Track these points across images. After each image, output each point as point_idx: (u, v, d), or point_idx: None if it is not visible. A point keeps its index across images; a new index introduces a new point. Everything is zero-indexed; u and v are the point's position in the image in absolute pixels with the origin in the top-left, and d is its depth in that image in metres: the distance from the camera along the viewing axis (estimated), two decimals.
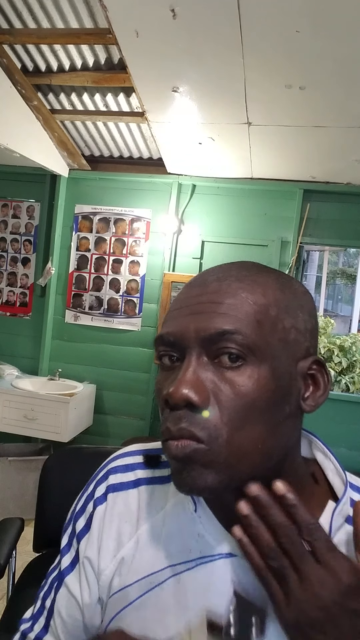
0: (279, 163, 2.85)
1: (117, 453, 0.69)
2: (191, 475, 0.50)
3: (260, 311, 0.52)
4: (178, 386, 0.50)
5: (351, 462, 2.91)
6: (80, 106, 2.81)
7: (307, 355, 0.55)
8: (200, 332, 0.51)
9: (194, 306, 0.53)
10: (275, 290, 0.54)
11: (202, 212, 3.17)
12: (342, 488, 0.58)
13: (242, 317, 0.51)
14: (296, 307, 0.55)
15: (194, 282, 0.57)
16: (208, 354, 0.52)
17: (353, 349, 4.86)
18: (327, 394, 0.56)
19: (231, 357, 0.51)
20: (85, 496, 0.67)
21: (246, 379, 0.50)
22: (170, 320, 0.55)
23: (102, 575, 0.61)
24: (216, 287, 0.54)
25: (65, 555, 0.65)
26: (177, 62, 2.10)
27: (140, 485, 0.64)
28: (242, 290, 0.53)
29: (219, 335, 0.50)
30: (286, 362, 0.53)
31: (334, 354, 4.77)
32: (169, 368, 0.55)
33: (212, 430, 0.49)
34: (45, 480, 1.42)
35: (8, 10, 2.21)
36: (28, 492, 2.87)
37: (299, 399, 0.54)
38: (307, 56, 1.92)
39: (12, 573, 1.54)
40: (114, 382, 3.30)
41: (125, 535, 0.61)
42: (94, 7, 2.09)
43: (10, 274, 3.51)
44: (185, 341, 0.52)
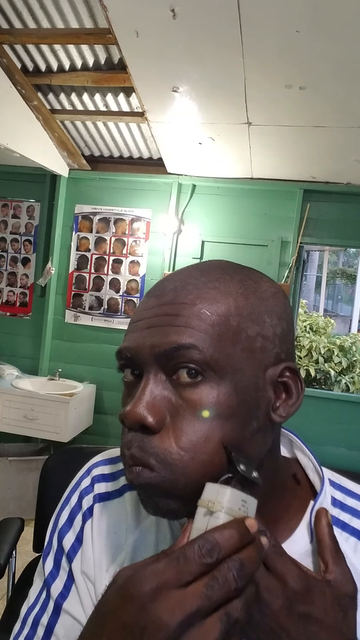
0: (279, 163, 2.86)
1: (95, 461, 0.66)
2: (153, 502, 0.48)
3: (220, 322, 0.48)
4: (133, 407, 0.47)
5: (351, 462, 2.92)
6: (80, 106, 2.81)
7: (278, 361, 0.51)
8: (155, 348, 0.48)
9: (150, 319, 0.50)
10: (238, 297, 0.50)
11: (202, 212, 3.17)
12: (320, 486, 0.57)
13: (199, 331, 0.48)
14: (262, 313, 0.51)
15: (152, 292, 0.54)
16: (165, 370, 0.49)
17: (353, 349, 4.86)
18: (299, 402, 0.52)
19: (190, 373, 0.48)
20: (69, 509, 0.63)
21: (204, 397, 0.47)
22: (129, 333, 0.53)
23: (98, 594, 0.57)
24: (172, 298, 0.50)
25: (54, 581, 0.59)
26: (177, 62, 2.10)
27: (125, 492, 0.62)
28: (199, 300, 0.49)
29: (173, 350, 0.47)
30: (251, 372, 0.49)
31: (334, 354, 4.78)
32: (130, 383, 0.53)
33: (165, 457, 0.47)
34: (45, 480, 1.42)
35: (8, 10, 2.21)
36: (28, 492, 2.87)
37: (269, 410, 0.51)
38: (307, 56, 1.92)
39: (12, 573, 1.54)
40: (114, 382, 3.29)
41: (116, 548, 0.59)
42: (94, 7, 2.09)
43: (10, 274, 3.51)
44: (141, 358, 0.50)
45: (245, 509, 0.42)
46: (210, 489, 0.43)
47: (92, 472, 0.64)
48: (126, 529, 0.59)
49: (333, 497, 0.58)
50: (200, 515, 0.42)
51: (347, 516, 0.57)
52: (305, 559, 0.52)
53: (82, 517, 0.61)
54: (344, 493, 0.59)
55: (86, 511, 0.61)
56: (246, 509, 0.43)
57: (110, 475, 0.63)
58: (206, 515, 0.41)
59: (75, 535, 0.60)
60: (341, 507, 0.58)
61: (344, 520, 0.57)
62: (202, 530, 0.41)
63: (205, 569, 0.38)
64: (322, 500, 0.56)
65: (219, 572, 0.38)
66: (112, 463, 0.65)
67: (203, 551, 0.38)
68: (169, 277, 0.55)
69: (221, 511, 0.41)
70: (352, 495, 0.60)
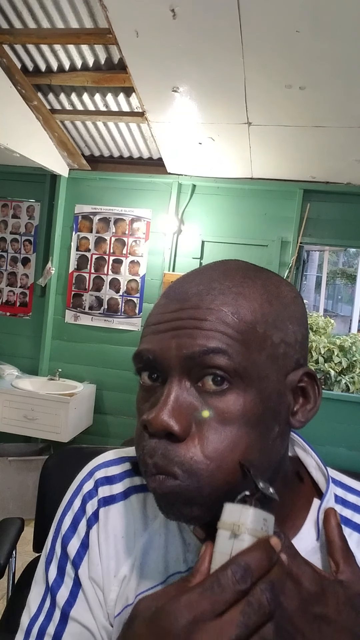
0: (279, 163, 2.85)
1: (96, 463, 0.64)
2: (175, 510, 0.48)
3: (247, 329, 0.48)
4: (158, 413, 0.46)
5: (351, 462, 2.92)
6: (80, 106, 2.81)
7: (297, 367, 0.52)
8: (182, 350, 0.47)
9: (174, 322, 0.49)
10: (263, 304, 0.50)
11: (202, 212, 3.17)
12: (325, 484, 0.58)
13: (227, 337, 0.47)
14: (285, 319, 0.51)
15: (173, 295, 0.52)
16: (190, 376, 0.48)
17: (353, 349, 4.86)
18: (317, 408, 0.53)
19: (215, 380, 0.47)
20: (72, 514, 0.61)
21: (231, 405, 0.47)
22: (148, 335, 0.51)
23: (108, 600, 0.56)
24: (197, 302, 0.49)
25: (60, 588, 0.57)
26: (177, 62, 2.10)
27: (131, 494, 0.60)
28: (226, 306, 0.48)
29: (202, 354, 0.46)
30: (275, 379, 0.49)
31: (334, 354, 4.77)
32: (148, 387, 0.52)
33: (191, 466, 0.46)
34: (45, 480, 1.42)
35: (8, 10, 2.21)
36: (28, 492, 2.87)
37: (288, 415, 0.51)
38: (307, 56, 1.92)
39: (12, 573, 1.54)
40: (114, 382, 3.30)
41: (124, 553, 0.57)
42: (94, 7, 2.09)
43: (10, 274, 3.51)
44: (166, 360, 0.48)
45: (266, 528, 0.42)
46: (231, 510, 0.42)
47: (95, 474, 0.62)
48: (134, 532, 0.58)
49: (335, 494, 0.59)
50: (224, 539, 0.41)
51: (349, 512, 0.58)
52: (312, 556, 0.52)
53: (87, 522, 0.59)
54: (345, 489, 0.60)
55: (91, 516, 0.59)
56: (267, 528, 0.42)
57: (113, 477, 0.62)
58: (230, 539, 0.40)
59: (80, 541, 0.59)
60: (343, 503, 0.59)
61: (346, 517, 0.58)
62: (227, 554, 0.40)
63: (240, 596, 0.37)
64: (328, 498, 0.57)
65: (253, 597, 0.37)
66: (115, 465, 0.63)
67: (237, 577, 0.37)
68: (189, 280, 0.53)
69: (246, 533, 0.40)
70: (352, 491, 0.60)
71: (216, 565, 0.40)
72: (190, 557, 0.56)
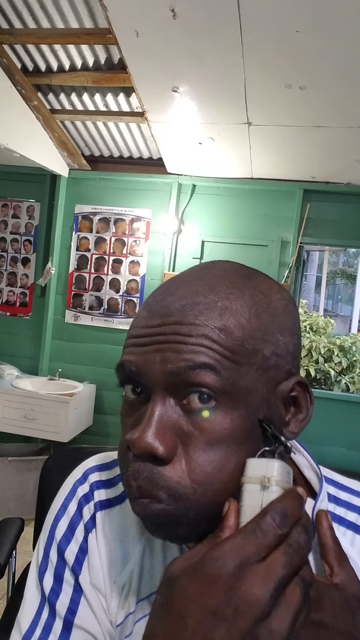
0: (279, 163, 2.85)
1: (89, 465, 0.62)
2: (161, 530, 0.47)
3: (235, 347, 0.46)
4: (142, 434, 0.44)
5: (351, 462, 2.92)
6: (80, 106, 2.81)
7: (288, 376, 0.50)
8: (167, 364, 0.45)
9: (157, 337, 0.47)
10: (251, 318, 0.47)
11: (202, 212, 3.17)
12: (318, 484, 0.57)
13: (214, 352, 0.45)
14: (275, 331, 0.49)
15: (155, 308, 0.49)
16: (175, 393, 0.46)
17: (353, 349, 4.86)
18: (309, 417, 0.51)
19: (202, 398, 0.45)
20: (67, 519, 0.58)
21: (218, 424, 0.45)
22: (131, 347, 0.49)
23: (110, 607, 0.54)
24: (180, 317, 0.46)
25: (58, 597, 0.54)
26: (177, 62, 2.10)
27: (127, 498, 0.58)
28: (212, 322, 0.46)
29: (188, 369, 0.44)
30: (264, 390, 0.48)
31: (334, 354, 4.77)
32: (131, 402, 0.50)
33: (177, 490, 0.45)
34: (45, 480, 1.42)
35: (8, 10, 2.21)
36: (28, 492, 2.87)
37: (280, 427, 0.50)
38: (307, 56, 1.92)
39: (12, 573, 1.54)
40: (114, 382, 3.22)
41: (123, 558, 0.56)
42: (94, 7, 2.09)
43: (10, 274, 3.51)
44: (149, 374, 0.46)
45: (289, 480, 0.44)
46: (256, 465, 0.44)
47: (89, 477, 0.60)
48: (132, 536, 0.57)
49: (327, 492, 0.58)
50: (252, 492, 0.42)
51: (342, 510, 0.58)
52: None
53: (85, 527, 0.57)
54: (337, 487, 0.60)
55: (89, 520, 0.57)
56: (290, 479, 0.44)
57: (108, 481, 0.60)
58: (260, 491, 0.42)
59: (78, 545, 0.56)
60: (335, 501, 0.58)
61: (339, 515, 0.57)
62: (257, 506, 0.42)
63: (281, 539, 0.39)
64: (322, 498, 0.56)
65: (292, 539, 0.39)
66: (108, 468, 0.62)
67: (277, 522, 0.39)
68: (172, 291, 0.49)
69: (274, 485, 0.42)
70: (344, 489, 0.60)
71: (246, 518, 0.41)
72: None
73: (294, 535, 0.39)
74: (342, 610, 0.46)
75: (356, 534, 0.56)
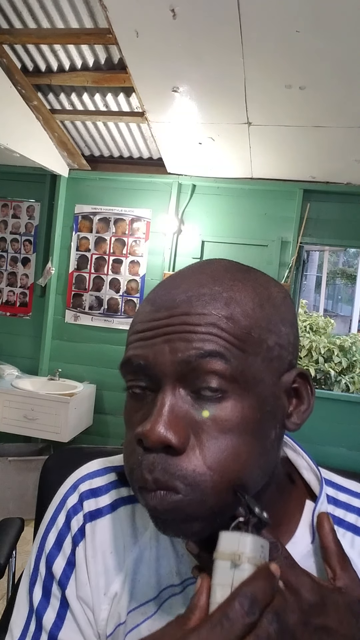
0: (279, 163, 2.85)
1: (80, 475, 0.61)
2: (174, 525, 0.46)
3: (243, 335, 0.46)
4: (154, 426, 0.44)
5: (351, 462, 2.91)
6: (80, 106, 2.81)
7: (290, 368, 0.51)
8: (177, 354, 0.45)
9: (164, 328, 0.47)
10: (255, 308, 0.48)
11: (202, 212, 3.17)
12: (318, 486, 0.57)
13: (223, 341, 0.45)
14: (278, 322, 0.50)
15: (159, 302, 0.49)
16: (185, 383, 0.46)
17: (353, 349, 4.86)
18: (311, 408, 0.52)
19: (212, 387, 0.45)
20: (56, 532, 0.58)
21: (230, 412, 0.45)
22: (136, 342, 0.48)
23: (98, 620, 0.54)
24: (187, 309, 0.46)
25: (45, 611, 0.54)
26: (177, 62, 2.10)
27: (119, 507, 0.58)
28: (219, 311, 0.46)
29: (199, 357, 0.44)
30: (271, 382, 0.48)
31: (334, 354, 4.78)
32: (138, 396, 0.49)
33: (194, 478, 0.44)
34: (45, 480, 1.41)
35: (8, 10, 2.21)
36: (28, 492, 2.87)
37: (283, 418, 0.50)
38: (307, 56, 1.92)
39: (12, 573, 1.54)
40: (114, 382, 3.29)
41: (114, 569, 0.55)
42: (94, 7, 2.09)
43: (10, 274, 3.51)
44: (159, 366, 0.46)
45: (264, 554, 0.41)
46: (227, 540, 0.40)
47: (79, 487, 0.59)
48: (124, 546, 0.56)
49: (327, 494, 0.58)
50: (224, 569, 0.39)
51: (342, 511, 0.57)
52: (307, 559, 0.51)
53: (73, 539, 0.56)
54: (336, 489, 0.59)
55: (77, 533, 0.56)
56: (264, 554, 0.41)
57: (99, 489, 0.59)
58: (231, 569, 0.39)
59: (65, 559, 0.56)
60: (335, 503, 0.58)
61: (339, 516, 0.57)
62: (228, 585, 0.39)
63: (250, 628, 0.36)
64: (322, 500, 0.56)
65: (260, 629, 0.36)
66: (99, 476, 0.60)
67: (245, 609, 0.36)
68: (175, 285, 0.50)
69: (246, 562, 0.39)
70: (343, 490, 0.60)
71: (217, 599, 0.38)
72: (184, 569, 0.54)
73: (264, 624, 0.37)
74: (346, 615, 0.45)
75: (356, 536, 0.56)
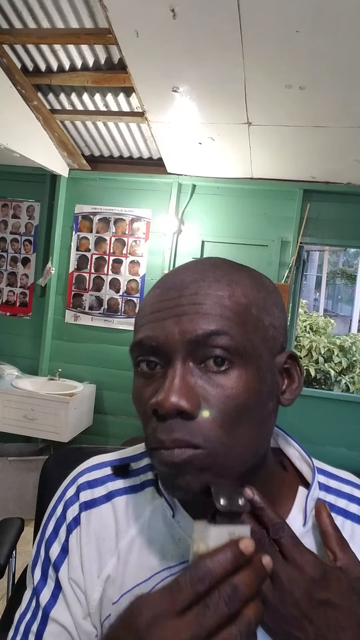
0: (279, 163, 2.85)
1: (80, 469, 0.66)
2: (186, 480, 0.49)
3: (243, 312, 0.52)
4: (167, 395, 0.48)
5: (351, 462, 2.91)
6: (80, 106, 2.81)
7: (282, 349, 0.56)
8: (186, 335, 0.49)
9: (175, 309, 0.51)
10: (253, 289, 0.54)
11: (202, 212, 3.17)
12: (310, 473, 0.61)
13: (225, 319, 0.50)
14: (271, 305, 0.55)
15: (169, 285, 0.54)
16: (194, 358, 0.50)
17: (353, 349, 4.86)
18: (301, 386, 0.57)
19: (217, 361, 0.50)
20: (54, 520, 0.63)
21: (234, 381, 0.50)
22: (147, 324, 0.53)
23: (90, 600, 0.58)
24: (195, 289, 0.52)
25: (43, 590, 0.60)
26: (177, 62, 2.10)
27: (114, 497, 0.62)
28: (222, 291, 0.52)
29: (206, 336, 0.49)
30: (268, 359, 0.53)
31: (334, 354, 4.78)
32: (148, 375, 0.53)
33: (209, 433, 0.48)
34: (45, 480, 1.41)
35: (8, 10, 2.21)
36: (28, 492, 2.87)
37: (278, 394, 0.56)
38: (307, 56, 1.92)
39: (12, 573, 1.54)
40: (114, 382, 3.29)
41: (106, 554, 0.59)
42: (94, 7, 2.09)
43: (10, 274, 3.51)
44: (169, 345, 0.50)
45: None
46: (198, 528, 0.43)
47: (78, 480, 0.64)
48: (116, 533, 0.60)
49: (318, 481, 0.61)
50: (193, 556, 0.42)
51: (333, 497, 0.61)
52: None
53: (67, 528, 0.61)
54: (326, 476, 0.63)
55: (71, 521, 0.61)
56: None
57: (95, 481, 0.63)
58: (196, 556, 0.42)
59: (60, 546, 0.61)
60: (326, 489, 0.61)
61: (330, 502, 0.60)
62: None
63: (199, 596, 0.38)
64: (315, 486, 0.59)
65: (210, 599, 0.38)
66: (96, 469, 0.65)
67: (195, 579, 0.38)
68: (182, 271, 0.56)
69: (208, 551, 0.41)
70: (333, 477, 0.63)
71: None
72: (180, 552, 0.57)
73: (214, 595, 0.38)
74: (348, 591, 0.48)
75: (346, 519, 0.59)
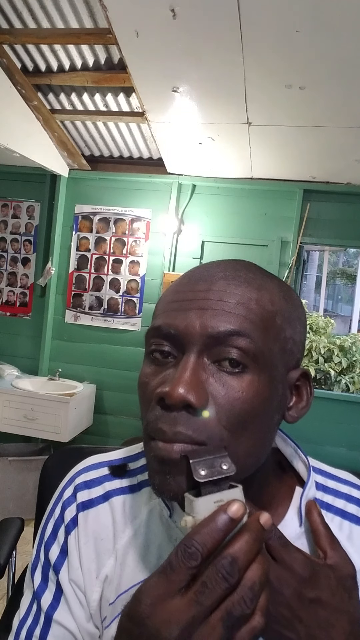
0: (279, 163, 2.85)
1: (77, 469, 0.66)
2: (177, 481, 0.46)
3: (268, 318, 0.51)
4: (176, 386, 0.46)
5: (351, 462, 2.91)
6: (80, 106, 2.81)
7: (297, 366, 0.55)
8: (207, 329, 0.48)
9: (200, 301, 0.50)
10: (281, 299, 0.53)
11: (202, 212, 3.17)
12: (307, 473, 0.60)
13: (249, 322, 0.49)
14: (295, 319, 0.55)
15: (198, 276, 0.53)
16: (210, 354, 0.49)
17: (353, 349, 4.85)
18: (309, 407, 0.56)
19: (232, 362, 0.48)
20: (53, 522, 0.63)
21: (246, 386, 0.48)
22: (169, 311, 0.52)
23: (90, 601, 0.57)
24: (224, 285, 0.51)
25: (44, 593, 0.59)
26: (177, 62, 2.10)
27: (111, 497, 0.61)
28: (251, 294, 0.51)
29: (226, 335, 0.48)
30: (282, 371, 0.52)
31: (334, 354, 4.77)
32: (159, 362, 0.52)
33: (212, 431, 0.47)
34: (45, 480, 1.41)
35: (8, 10, 2.21)
36: (28, 492, 2.87)
37: (285, 409, 0.55)
38: (307, 56, 1.92)
39: (12, 573, 1.54)
40: (114, 382, 3.30)
41: (104, 554, 0.59)
42: (94, 7, 2.09)
43: (10, 274, 3.51)
44: (188, 336, 0.49)
45: None
46: (187, 504, 0.42)
47: (75, 481, 0.64)
48: (114, 533, 0.59)
49: (316, 481, 0.61)
50: (184, 531, 0.42)
51: (330, 497, 0.61)
52: (296, 541, 0.54)
53: (65, 529, 0.61)
54: (324, 476, 0.63)
55: (69, 523, 0.61)
56: None
57: (92, 481, 0.63)
58: (186, 530, 0.41)
59: (59, 547, 0.60)
60: (324, 489, 0.61)
61: (327, 502, 0.60)
62: None
63: (193, 572, 0.37)
64: (310, 485, 0.59)
65: (207, 576, 0.37)
66: (93, 469, 0.64)
67: (185, 556, 0.37)
68: (213, 266, 0.55)
69: (190, 525, 0.40)
70: (331, 477, 0.63)
71: None
72: None
73: (211, 570, 0.37)
74: (338, 589, 0.48)
75: (344, 520, 0.59)
